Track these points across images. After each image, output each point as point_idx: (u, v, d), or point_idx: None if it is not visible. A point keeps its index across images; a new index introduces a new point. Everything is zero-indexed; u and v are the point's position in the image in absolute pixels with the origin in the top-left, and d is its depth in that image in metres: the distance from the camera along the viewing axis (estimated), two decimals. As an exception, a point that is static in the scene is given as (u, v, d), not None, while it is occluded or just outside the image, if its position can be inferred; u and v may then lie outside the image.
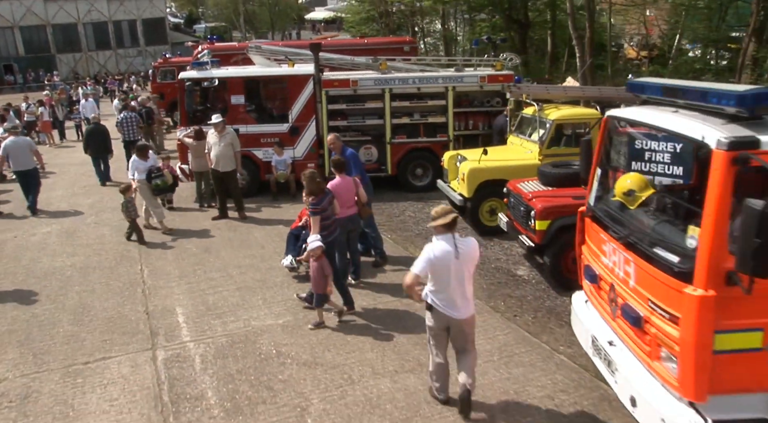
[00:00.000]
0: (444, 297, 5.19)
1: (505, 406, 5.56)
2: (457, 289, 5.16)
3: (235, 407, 5.72)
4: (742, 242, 3.49)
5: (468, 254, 5.18)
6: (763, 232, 3.37)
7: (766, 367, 3.94)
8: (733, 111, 3.94)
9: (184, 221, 11.52)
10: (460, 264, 5.10)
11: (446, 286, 5.15)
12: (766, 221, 3.35)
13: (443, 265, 5.09)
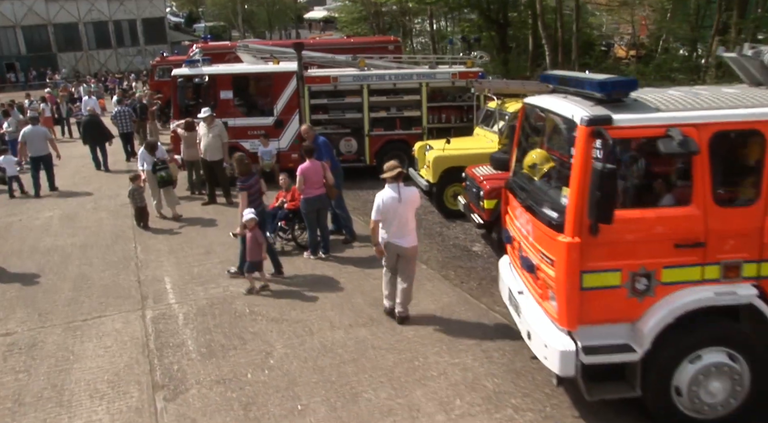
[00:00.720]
0: (393, 231, 6.94)
1: (440, 346, 6.60)
2: (401, 225, 6.91)
3: (210, 352, 6.77)
4: (590, 195, 4.54)
5: (409, 199, 6.94)
6: (603, 186, 4.41)
7: (624, 301, 4.96)
8: (599, 96, 4.97)
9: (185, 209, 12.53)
10: (403, 206, 6.88)
11: (393, 222, 6.88)
12: (605, 178, 4.40)
13: (390, 206, 6.86)
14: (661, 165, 5.18)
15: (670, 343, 4.98)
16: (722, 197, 4.91)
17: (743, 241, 4.91)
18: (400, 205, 6.88)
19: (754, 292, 4.94)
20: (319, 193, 9.18)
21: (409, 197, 6.99)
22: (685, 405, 5.09)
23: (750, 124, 4.85)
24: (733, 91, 5.43)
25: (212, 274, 9.01)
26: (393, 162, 7.15)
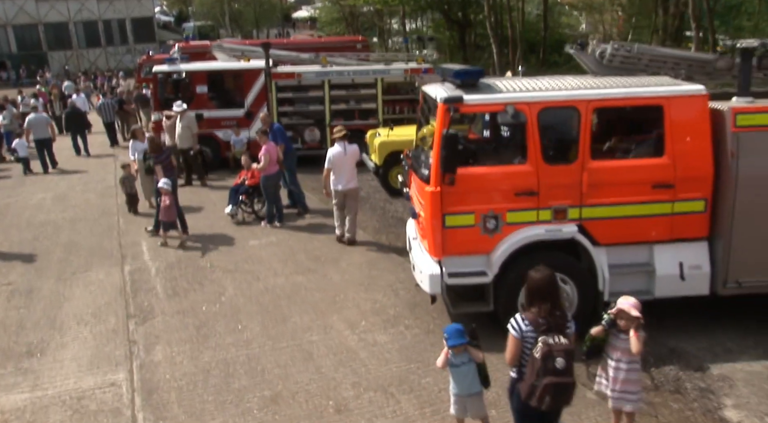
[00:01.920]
0: (339, 178, 9.67)
1: (359, 287, 8.33)
2: (345, 173, 9.64)
3: (174, 293, 8.49)
4: (439, 152, 6.28)
5: (351, 152, 9.76)
6: (445, 146, 6.16)
7: (478, 237, 6.67)
8: (458, 82, 6.71)
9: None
10: (346, 158, 9.66)
11: (339, 171, 9.63)
12: (446, 140, 6.14)
13: (337, 158, 9.60)
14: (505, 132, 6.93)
15: (515, 269, 6.70)
16: (550, 157, 6.63)
17: (567, 191, 6.64)
18: (345, 156, 9.67)
19: (575, 229, 6.68)
20: (277, 170, 10.91)
21: (351, 151, 9.81)
22: (530, 318, 6.81)
23: (568, 102, 6.58)
24: (570, 78, 7.17)
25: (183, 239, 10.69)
26: (339, 126, 10.25)
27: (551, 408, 4.37)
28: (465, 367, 5.02)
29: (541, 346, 4.26)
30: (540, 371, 4.24)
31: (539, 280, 4.44)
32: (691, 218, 6.80)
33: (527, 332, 4.36)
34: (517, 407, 4.59)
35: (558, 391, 4.27)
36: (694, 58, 7.38)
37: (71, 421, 5.82)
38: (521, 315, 4.44)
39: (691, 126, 6.62)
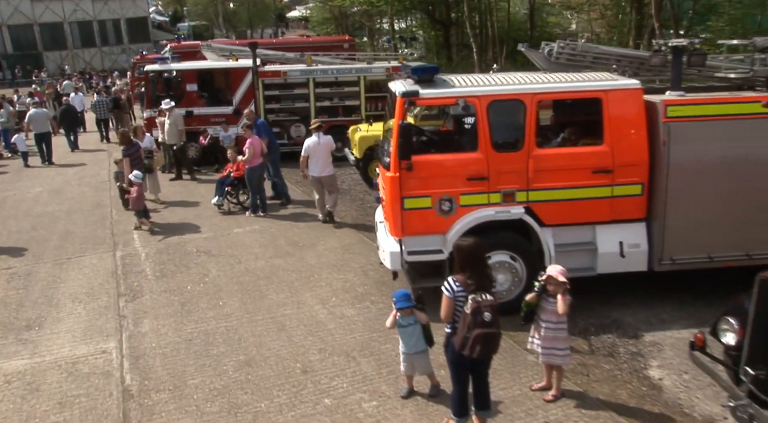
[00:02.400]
0: (314, 166, 10.75)
1: (333, 268, 9.07)
2: (319, 161, 10.72)
3: (162, 274, 9.22)
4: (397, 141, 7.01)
5: (324, 142, 10.80)
6: (402, 136, 6.89)
7: (434, 218, 7.40)
8: (416, 78, 7.44)
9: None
10: (320, 146, 10.72)
11: (314, 159, 10.72)
12: (403, 129, 6.88)
13: (312, 147, 10.73)
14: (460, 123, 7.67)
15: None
16: (499, 145, 7.36)
17: (515, 176, 7.38)
18: (319, 145, 10.79)
19: (522, 211, 7.42)
20: (260, 162, 11.66)
21: (325, 141, 10.90)
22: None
23: (514, 96, 7.32)
24: (520, 74, 7.91)
25: (172, 227, 11.44)
26: (316, 119, 11.46)
27: (481, 356, 5.10)
28: (411, 328, 5.76)
29: (471, 303, 4.99)
30: (471, 324, 4.97)
31: (467, 247, 5.17)
32: (629, 201, 7.54)
33: (458, 292, 5.10)
34: (451, 358, 5.32)
35: (487, 340, 5.00)
36: (632, 56, 8.12)
37: (66, 382, 6.54)
38: (452, 278, 5.17)
39: (627, 117, 7.37)
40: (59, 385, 6.49)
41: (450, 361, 5.36)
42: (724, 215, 7.46)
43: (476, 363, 5.22)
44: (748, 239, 7.53)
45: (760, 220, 7.43)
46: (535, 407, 5.80)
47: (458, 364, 5.28)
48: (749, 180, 7.35)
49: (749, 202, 7.39)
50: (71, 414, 5.98)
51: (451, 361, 5.36)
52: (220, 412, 5.87)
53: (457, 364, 5.29)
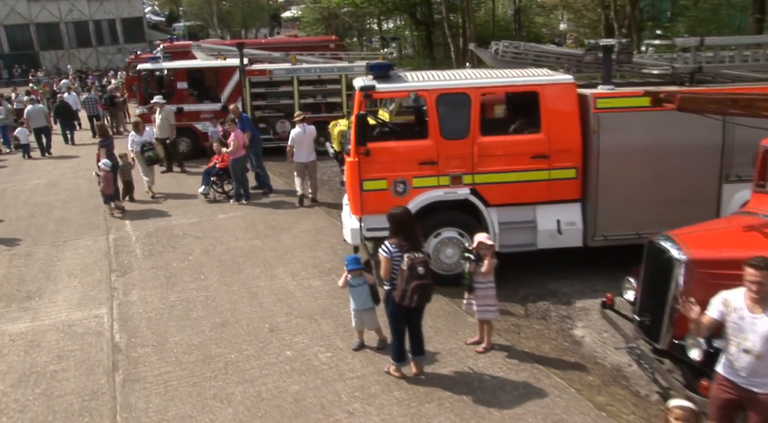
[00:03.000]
0: (299, 153, 12.15)
1: (305, 247, 10.08)
2: (304, 149, 12.12)
3: (150, 254, 10.22)
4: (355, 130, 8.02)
5: (308, 132, 12.30)
6: (358, 125, 7.90)
7: (390, 199, 8.37)
8: (373, 74, 8.45)
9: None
10: (305, 136, 12.17)
11: (300, 147, 12.07)
12: (359, 119, 7.88)
13: (297, 137, 12.06)
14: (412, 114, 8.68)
15: (421, 225, 8.42)
16: (447, 133, 8.36)
17: (462, 161, 8.37)
18: (304, 135, 12.24)
19: (468, 192, 8.42)
20: (243, 154, 12.67)
21: (309, 131, 12.40)
22: (435, 265, 8.53)
23: (460, 89, 8.33)
24: (469, 71, 8.92)
25: (161, 213, 12.45)
26: (299, 112, 12.78)
27: (418, 305, 6.11)
28: (360, 288, 6.77)
29: (406, 261, 6.00)
30: (408, 278, 5.97)
31: (398, 215, 6.18)
32: (565, 183, 8.54)
33: (395, 253, 6.10)
34: (390, 311, 6.32)
35: (422, 290, 6.01)
36: (569, 54, 9.14)
37: (63, 340, 7.55)
38: (388, 242, 6.17)
39: (561, 108, 8.36)
40: (57, 343, 7.49)
41: (389, 314, 6.37)
42: (648, 196, 8.46)
43: (412, 313, 6.23)
44: (670, 217, 8.49)
45: (679, 200, 8.41)
46: (467, 357, 6.80)
47: (397, 316, 6.29)
48: (669, 164, 8.34)
49: (669, 184, 8.39)
50: (67, 364, 6.98)
51: (390, 314, 6.36)
52: (196, 361, 6.87)
53: (396, 316, 6.30)
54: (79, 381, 6.63)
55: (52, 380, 6.68)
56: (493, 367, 6.59)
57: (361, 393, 6.17)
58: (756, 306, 4.36)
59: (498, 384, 6.28)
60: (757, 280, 4.28)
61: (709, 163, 8.42)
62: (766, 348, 4.32)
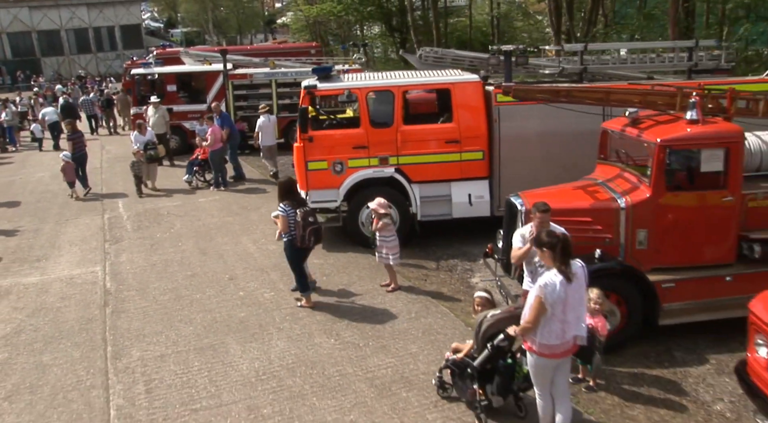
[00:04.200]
0: (264, 138, 15.29)
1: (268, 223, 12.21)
2: (268, 135, 15.30)
3: (138, 228, 12.37)
4: (299, 121, 10.17)
5: (272, 121, 15.57)
6: (301, 116, 10.05)
7: (330, 177, 10.51)
8: (316, 75, 10.59)
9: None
10: (270, 124, 15.34)
11: (265, 134, 15.21)
12: (301, 112, 10.04)
13: (264, 125, 15.29)
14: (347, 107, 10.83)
15: (355, 198, 10.57)
16: (375, 123, 10.48)
17: (388, 145, 10.49)
18: (269, 123, 15.21)
19: (393, 171, 10.54)
20: (221, 146, 14.84)
21: (272, 120, 15.51)
22: (367, 231, 10.63)
23: (385, 87, 10.46)
24: (398, 72, 11.05)
25: (151, 198, 14.60)
26: (263, 104, 15.22)
27: (313, 245, 8.29)
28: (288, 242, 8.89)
29: (299, 214, 8.10)
30: (303, 226, 8.06)
31: (285, 182, 8.41)
32: (474, 164, 10.64)
33: (289, 211, 8.20)
34: (290, 256, 8.38)
35: (316, 233, 8.17)
36: (479, 58, 11.27)
37: (66, 287, 9.69)
38: (282, 203, 8.27)
39: (470, 102, 10.47)
40: (61, 289, 9.64)
41: (290, 258, 8.47)
42: (541, 173, 10.44)
43: (306, 253, 8.36)
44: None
45: (565, 178, 10.48)
46: (378, 295, 8.89)
47: (296, 258, 8.41)
48: (557, 147, 10.42)
49: (558, 163, 10.43)
50: (69, 302, 9.12)
51: (290, 259, 8.47)
52: (169, 299, 8.99)
53: (296, 258, 8.42)
54: (78, 312, 8.76)
55: (58, 312, 8.81)
56: (396, 301, 8.68)
57: (291, 317, 8.29)
58: (541, 234, 6.46)
59: (397, 311, 8.37)
60: (538, 218, 6.37)
61: (589, 145, 10.48)
62: None
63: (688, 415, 6.20)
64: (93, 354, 7.61)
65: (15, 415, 6.46)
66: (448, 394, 6.35)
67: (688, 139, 7.22)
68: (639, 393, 6.56)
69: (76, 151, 15.40)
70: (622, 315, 7.25)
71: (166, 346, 7.67)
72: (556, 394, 5.38)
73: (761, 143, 7.89)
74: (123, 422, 6.22)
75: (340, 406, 6.29)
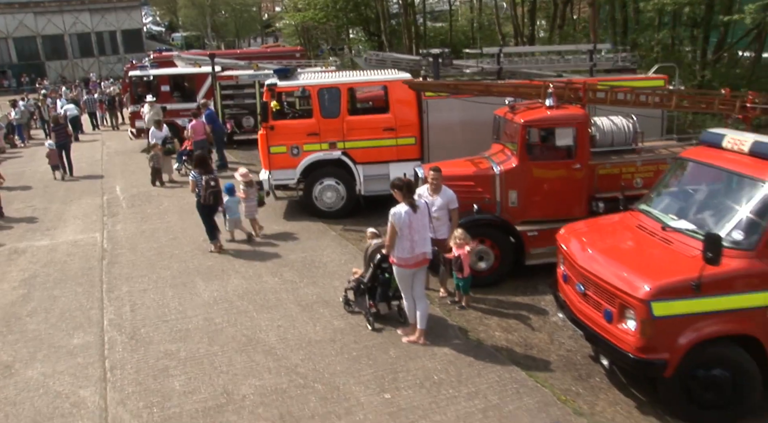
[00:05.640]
0: None
1: (240, 200, 14.70)
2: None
3: (132, 206, 14.87)
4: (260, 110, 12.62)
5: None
6: (262, 109, 12.51)
7: (289, 159, 12.93)
8: (277, 75, 13.05)
9: (134, 161, 20.63)
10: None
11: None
12: (262, 106, 12.49)
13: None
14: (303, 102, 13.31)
15: (309, 175, 13.01)
16: (325, 114, 12.90)
17: (336, 133, 12.90)
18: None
19: (340, 153, 12.97)
20: (202, 138, 17.34)
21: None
22: (320, 204, 13.10)
23: (333, 85, 12.91)
24: (346, 72, 13.49)
25: (143, 184, 17.11)
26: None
27: (213, 203, 10.95)
28: (232, 205, 11.37)
29: (205, 178, 10.64)
30: (205, 188, 10.64)
31: (198, 156, 11.07)
32: (408, 148, 13.02)
33: (198, 177, 10.75)
34: (200, 210, 11.04)
35: (215, 194, 10.78)
36: (413, 59, 13.70)
37: (71, 247, 12.16)
38: (194, 170, 10.82)
39: (404, 97, 12.84)
40: (67, 249, 12.12)
41: (199, 212, 11.05)
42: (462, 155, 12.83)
43: (209, 210, 10.92)
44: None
45: (482, 158, 12.89)
46: (319, 249, 11.29)
47: (203, 212, 11.05)
48: (473, 133, 12.75)
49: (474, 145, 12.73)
50: (73, 258, 11.58)
51: (200, 213, 11.07)
52: (153, 254, 11.43)
53: (202, 213, 11.06)
54: (81, 264, 11.24)
55: (65, 264, 11.29)
56: (333, 254, 11.07)
57: (248, 264, 10.71)
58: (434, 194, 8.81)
59: (331, 261, 10.75)
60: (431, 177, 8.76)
61: (502, 132, 12.89)
62: (440, 213, 8.78)
63: (530, 323, 8.55)
64: (92, 289, 10.06)
65: (35, 324, 8.92)
66: (352, 309, 8.74)
67: (544, 120, 9.62)
68: (499, 310, 8.93)
69: (59, 140, 18.51)
70: (496, 257, 9.65)
71: (148, 284, 10.12)
72: (416, 296, 7.78)
73: (612, 124, 10.28)
74: (113, 328, 8.65)
75: (273, 317, 8.71)
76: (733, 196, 6.76)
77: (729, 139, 7.13)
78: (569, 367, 7.43)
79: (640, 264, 6.56)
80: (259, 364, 7.49)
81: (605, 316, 6.56)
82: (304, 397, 6.80)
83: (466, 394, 6.79)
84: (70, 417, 6.71)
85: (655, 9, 16.49)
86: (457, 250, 8.63)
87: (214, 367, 7.47)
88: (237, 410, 6.62)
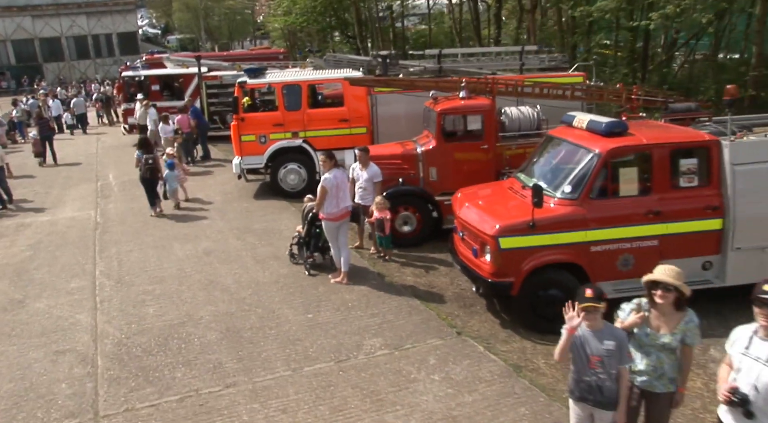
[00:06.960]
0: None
1: (224, 181, 17.04)
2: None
3: (123, 190, 17.23)
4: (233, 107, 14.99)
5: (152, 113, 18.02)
6: (233, 103, 14.88)
7: (258, 146, 15.26)
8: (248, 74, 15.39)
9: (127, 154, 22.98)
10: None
11: None
12: (233, 100, 14.86)
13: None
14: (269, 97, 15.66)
15: (275, 161, 15.36)
16: (288, 108, 15.23)
17: (298, 123, 15.24)
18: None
19: (301, 141, 15.31)
20: (187, 131, 19.71)
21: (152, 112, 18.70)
22: (284, 185, 15.44)
23: (295, 82, 15.26)
24: (305, 70, 15.85)
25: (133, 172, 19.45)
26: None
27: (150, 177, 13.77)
28: (171, 179, 13.73)
29: (144, 157, 13.31)
30: (144, 164, 13.61)
31: (141, 138, 14.36)
32: (360, 137, 15.26)
33: (141, 156, 13.33)
34: (142, 181, 13.87)
35: (151, 170, 13.86)
36: (364, 61, 16.02)
37: (69, 222, 14.51)
38: (138, 151, 13.38)
39: (357, 93, 15.16)
40: (66, 223, 14.48)
41: (142, 183, 13.63)
42: (408, 143, 15.26)
43: (149, 183, 13.35)
44: (421, 155, 15.34)
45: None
46: (279, 219, 13.65)
47: (144, 185, 13.59)
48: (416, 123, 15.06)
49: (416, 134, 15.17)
50: (71, 229, 13.94)
51: (143, 183, 13.59)
52: (140, 226, 13.76)
53: (144, 185, 13.57)
54: (77, 234, 13.59)
55: (64, 234, 13.64)
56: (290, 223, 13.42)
57: (218, 232, 13.03)
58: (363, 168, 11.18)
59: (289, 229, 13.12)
60: (359, 156, 11.11)
61: (441, 123, 15.21)
62: (367, 184, 11.15)
63: (438, 271, 10.86)
64: (86, 251, 12.40)
65: (41, 274, 11.27)
66: (296, 261, 11.06)
67: (456, 109, 11.96)
68: (415, 263, 11.23)
69: (42, 133, 21.76)
70: (418, 221, 11.97)
71: (133, 246, 12.46)
72: (341, 245, 10.10)
73: (519, 113, 12.60)
74: (103, 276, 10.98)
75: (231, 268, 11.03)
76: (574, 161, 9.05)
77: (577, 119, 9.46)
78: (458, 299, 9.73)
79: (497, 212, 8.89)
80: (216, 298, 9.82)
81: (473, 252, 8.88)
82: (246, 317, 9.12)
83: (370, 314, 9.10)
84: (69, 331, 9.03)
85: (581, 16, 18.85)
86: (379, 214, 10.94)
87: (181, 300, 9.80)
88: (195, 325, 8.95)
